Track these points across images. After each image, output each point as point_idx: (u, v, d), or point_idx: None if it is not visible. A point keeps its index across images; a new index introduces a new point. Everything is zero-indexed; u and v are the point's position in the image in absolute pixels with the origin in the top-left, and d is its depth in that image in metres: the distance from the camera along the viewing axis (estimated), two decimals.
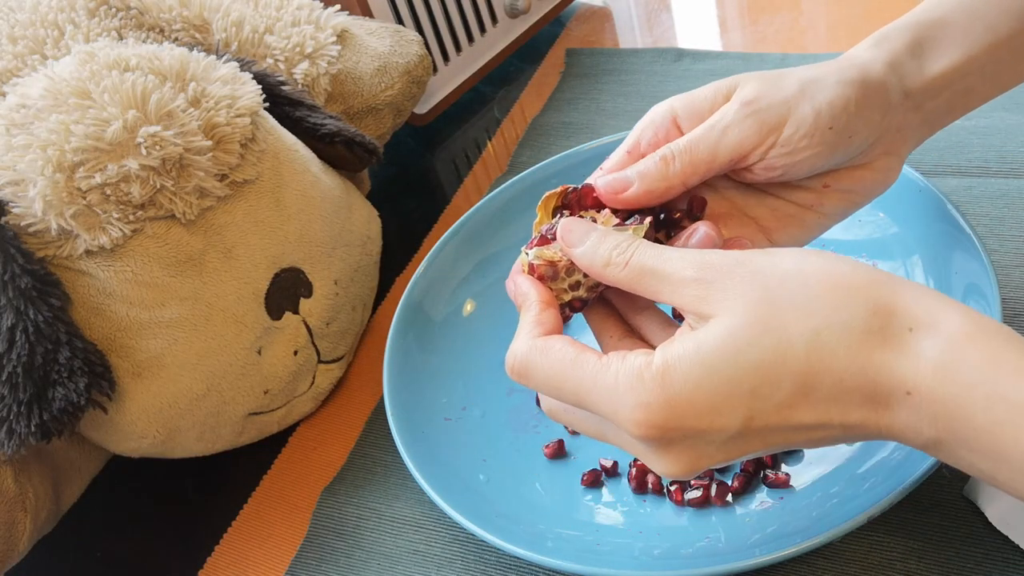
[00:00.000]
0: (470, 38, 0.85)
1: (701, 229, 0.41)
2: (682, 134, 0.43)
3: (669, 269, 0.37)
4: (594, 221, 0.41)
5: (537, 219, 0.43)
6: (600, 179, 0.42)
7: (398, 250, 0.73)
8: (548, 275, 0.41)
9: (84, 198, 0.49)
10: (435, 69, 0.82)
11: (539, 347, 0.38)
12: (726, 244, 0.42)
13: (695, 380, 0.34)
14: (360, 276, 0.64)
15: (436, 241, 0.64)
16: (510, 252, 0.65)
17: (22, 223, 0.50)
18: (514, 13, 0.86)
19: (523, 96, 0.87)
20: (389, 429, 0.54)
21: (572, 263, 0.41)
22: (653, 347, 0.39)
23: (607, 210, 0.42)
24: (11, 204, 0.50)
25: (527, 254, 0.42)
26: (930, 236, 0.54)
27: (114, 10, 0.61)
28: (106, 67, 0.51)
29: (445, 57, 0.84)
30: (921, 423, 0.32)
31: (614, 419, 0.36)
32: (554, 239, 0.41)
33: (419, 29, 0.80)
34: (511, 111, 0.85)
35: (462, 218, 0.64)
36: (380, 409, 0.62)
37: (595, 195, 0.43)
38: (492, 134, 0.83)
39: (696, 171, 0.41)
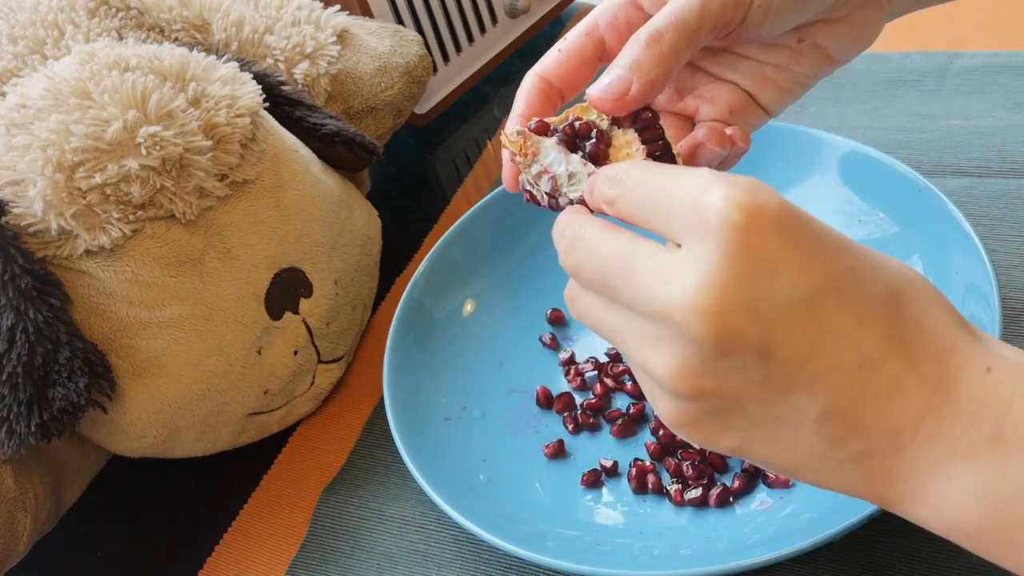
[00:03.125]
0: (470, 38, 0.85)
1: (700, 129, 0.39)
2: (646, 16, 0.39)
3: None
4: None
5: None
6: (593, 88, 0.37)
7: (398, 250, 0.73)
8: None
9: (84, 198, 0.49)
10: (435, 69, 0.82)
11: (597, 222, 0.34)
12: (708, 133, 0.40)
13: (809, 215, 0.30)
14: (360, 276, 0.64)
15: (436, 241, 0.64)
16: (510, 252, 0.65)
17: (22, 223, 0.50)
18: (514, 13, 0.86)
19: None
20: (389, 429, 0.54)
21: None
22: None
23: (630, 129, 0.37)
24: (11, 204, 0.50)
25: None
26: (930, 236, 0.54)
27: (114, 10, 0.61)
28: (106, 67, 0.51)
29: (445, 57, 0.83)
30: (982, 414, 0.29)
31: (703, 206, 0.29)
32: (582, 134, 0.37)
33: (419, 29, 0.80)
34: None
35: (462, 218, 0.64)
36: (380, 409, 0.61)
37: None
38: (492, 134, 0.83)
39: (688, 45, 0.36)
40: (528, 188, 0.38)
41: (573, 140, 0.37)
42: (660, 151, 0.37)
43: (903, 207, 0.56)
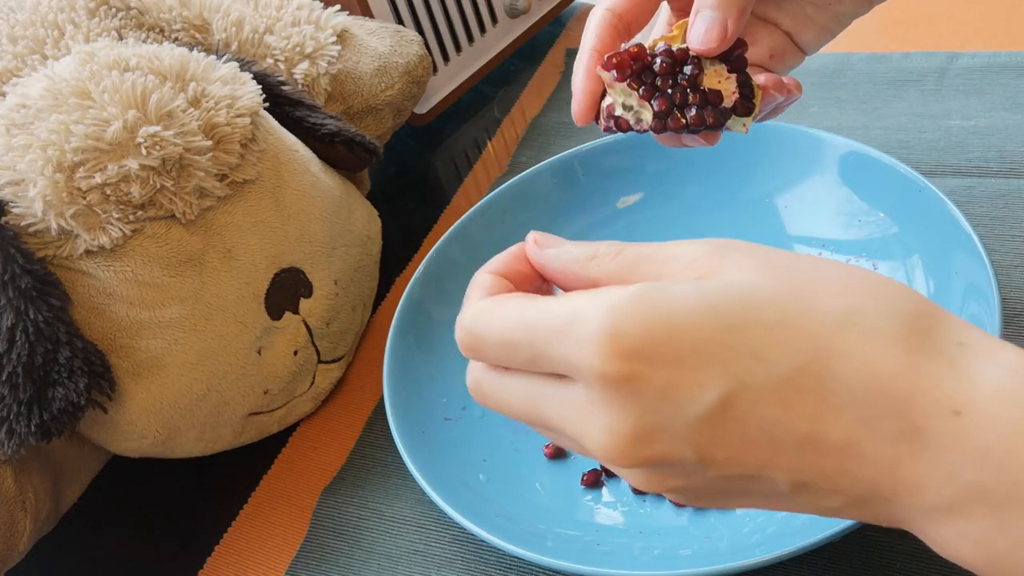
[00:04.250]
0: (470, 38, 0.85)
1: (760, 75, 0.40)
2: None
3: (672, 250, 0.30)
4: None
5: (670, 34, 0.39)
6: (694, 36, 0.37)
7: (398, 250, 0.73)
8: (636, 69, 0.38)
9: (84, 198, 0.49)
10: (435, 69, 0.82)
11: (487, 306, 0.32)
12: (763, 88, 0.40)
13: (685, 308, 0.27)
14: (360, 276, 0.64)
15: (436, 241, 0.64)
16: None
17: (22, 223, 0.50)
18: (514, 13, 0.86)
19: (523, 96, 0.87)
20: (389, 429, 0.54)
21: (671, 69, 0.37)
22: None
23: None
24: (11, 204, 0.50)
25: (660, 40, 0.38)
26: (930, 236, 0.54)
27: (114, 10, 0.61)
28: (106, 67, 0.51)
29: (445, 57, 0.83)
30: (960, 463, 0.26)
31: (571, 355, 0.28)
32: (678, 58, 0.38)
33: (419, 29, 0.80)
34: (511, 111, 0.85)
35: (462, 218, 0.64)
36: (380, 409, 0.61)
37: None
38: (492, 134, 0.83)
39: None
40: (618, 115, 0.40)
41: (674, 66, 0.38)
42: (745, 81, 0.38)
43: (903, 207, 0.56)
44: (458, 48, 0.84)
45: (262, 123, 0.56)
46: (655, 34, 0.41)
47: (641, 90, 0.38)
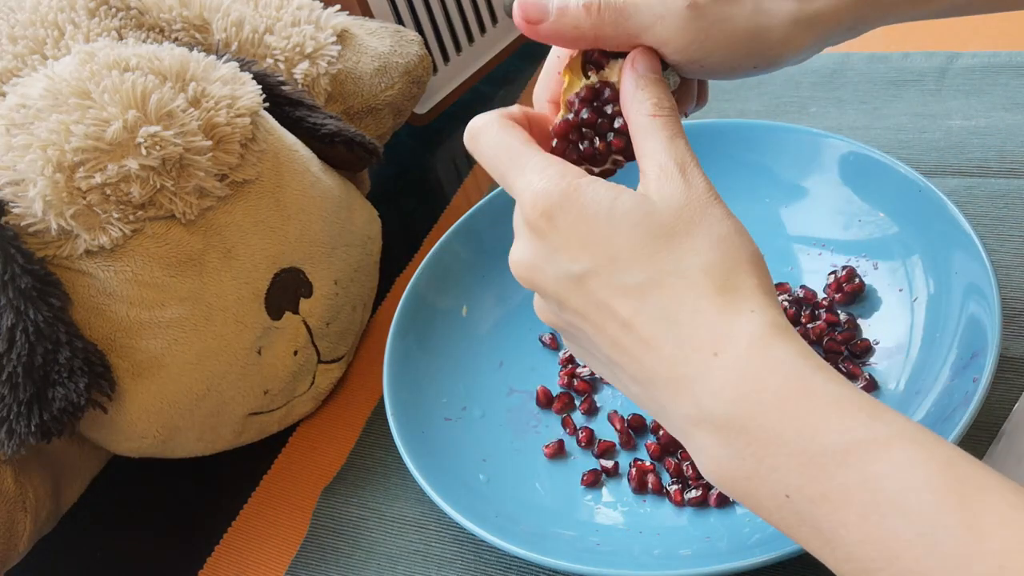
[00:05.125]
0: (470, 38, 0.85)
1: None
2: None
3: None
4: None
5: (565, 85, 0.43)
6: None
7: (398, 250, 0.73)
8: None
9: (84, 198, 0.49)
10: (435, 69, 0.82)
11: (500, 122, 0.42)
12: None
13: (594, 209, 0.37)
14: (360, 276, 0.64)
15: (436, 241, 0.64)
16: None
17: (22, 223, 0.50)
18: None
19: (523, 96, 0.86)
20: (389, 429, 0.54)
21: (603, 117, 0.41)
22: None
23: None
24: (11, 204, 0.50)
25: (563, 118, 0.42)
26: (930, 236, 0.54)
27: (114, 10, 0.61)
28: (106, 67, 0.51)
29: (445, 57, 0.84)
30: (703, 391, 0.34)
31: (519, 181, 0.39)
32: (584, 104, 0.42)
33: (419, 29, 0.80)
34: None
35: (462, 218, 0.64)
36: (380, 409, 0.61)
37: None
38: None
39: (614, 40, 0.40)
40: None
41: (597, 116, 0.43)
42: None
43: (903, 207, 0.56)
44: (458, 48, 0.84)
45: (262, 123, 0.56)
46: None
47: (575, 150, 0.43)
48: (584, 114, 0.41)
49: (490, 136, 0.41)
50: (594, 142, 0.42)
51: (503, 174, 0.40)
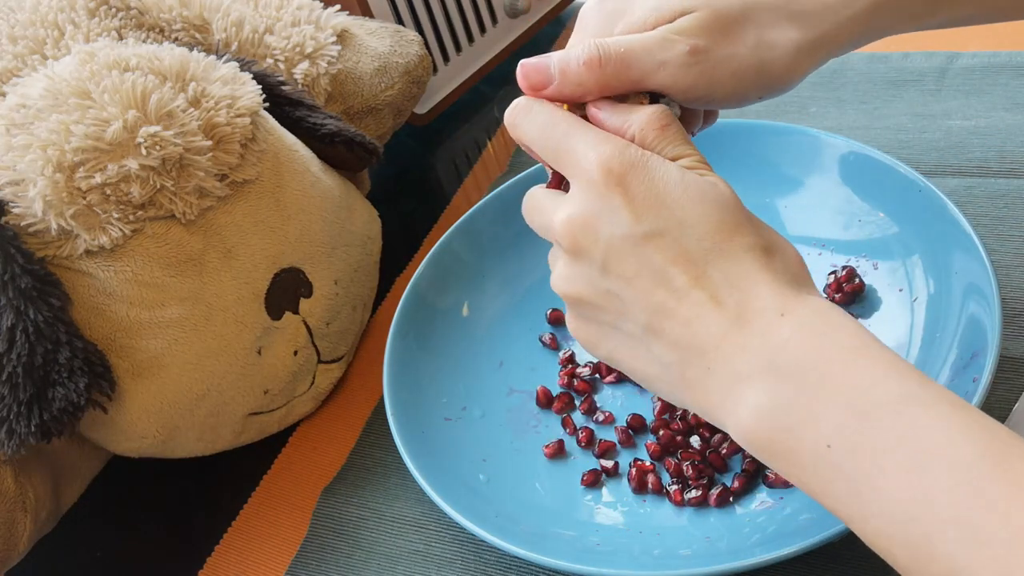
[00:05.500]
0: (470, 38, 0.85)
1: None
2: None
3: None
4: None
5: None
6: (523, 62, 0.44)
7: (398, 250, 0.73)
8: None
9: (84, 198, 0.49)
10: (435, 69, 0.82)
11: (546, 102, 0.42)
12: None
13: (667, 178, 0.38)
14: (360, 276, 0.64)
15: (436, 241, 0.64)
16: (510, 252, 0.65)
17: (22, 223, 0.50)
18: (514, 13, 0.86)
19: None
20: (389, 429, 0.54)
21: None
22: None
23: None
24: (11, 204, 0.50)
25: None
26: (930, 236, 0.54)
27: (114, 10, 0.61)
28: (106, 67, 0.51)
29: (445, 57, 0.83)
30: (767, 346, 0.35)
31: (581, 145, 0.39)
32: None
33: (419, 29, 0.80)
34: None
35: (463, 218, 0.64)
36: (380, 409, 0.61)
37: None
38: (492, 134, 0.83)
39: (619, 89, 0.42)
40: None
41: None
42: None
43: (903, 207, 0.56)
44: (458, 48, 0.84)
45: (262, 123, 0.56)
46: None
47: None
48: None
49: (543, 111, 0.42)
50: None
51: (558, 142, 0.40)
